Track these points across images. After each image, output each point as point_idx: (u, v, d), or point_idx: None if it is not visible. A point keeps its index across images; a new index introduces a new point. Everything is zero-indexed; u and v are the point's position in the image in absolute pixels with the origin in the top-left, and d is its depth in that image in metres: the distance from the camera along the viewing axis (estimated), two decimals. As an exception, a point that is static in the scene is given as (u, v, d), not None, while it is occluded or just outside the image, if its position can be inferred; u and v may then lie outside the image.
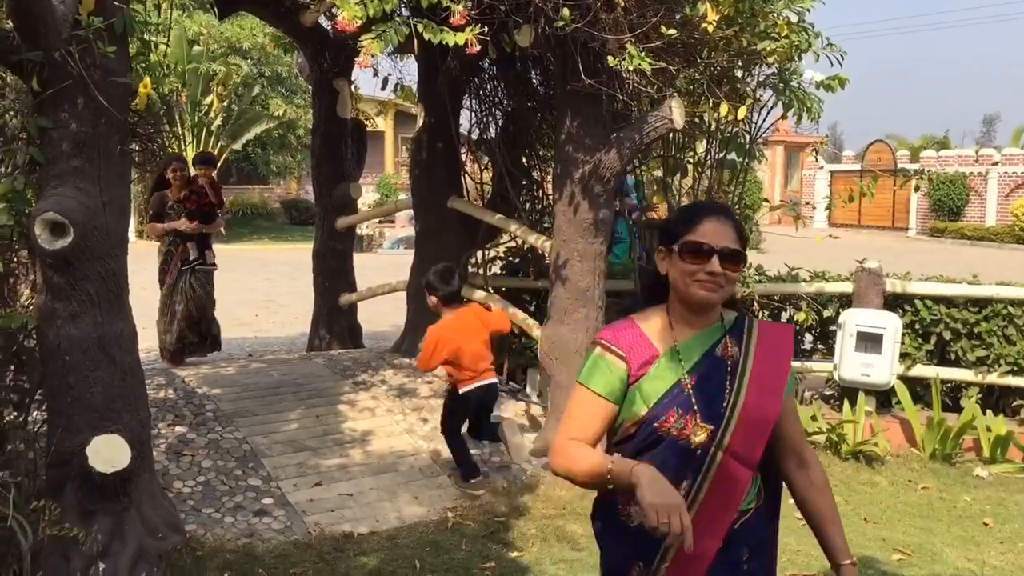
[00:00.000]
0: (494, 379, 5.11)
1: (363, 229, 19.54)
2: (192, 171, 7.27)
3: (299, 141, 24.94)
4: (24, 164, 3.92)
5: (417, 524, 4.65)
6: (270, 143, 24.33)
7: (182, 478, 4.77)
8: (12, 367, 4.55)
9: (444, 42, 4.15)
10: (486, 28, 4.20)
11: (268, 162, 25.63)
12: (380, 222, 21.17)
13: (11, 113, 4.24)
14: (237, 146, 23.43)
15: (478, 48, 4.15)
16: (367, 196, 20.38)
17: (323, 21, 7.28)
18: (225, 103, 19.95)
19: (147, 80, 3.84)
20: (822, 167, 34.12)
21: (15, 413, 4.46)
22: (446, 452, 5.38)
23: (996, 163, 27.09)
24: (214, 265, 7.24)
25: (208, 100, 19.83)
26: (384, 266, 13.33)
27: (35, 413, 4.53)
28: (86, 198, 3.87)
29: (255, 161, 25.51)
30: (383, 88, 6.74)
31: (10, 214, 3.88)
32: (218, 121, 21.11)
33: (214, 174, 7.48)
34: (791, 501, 5.12)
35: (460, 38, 4.14)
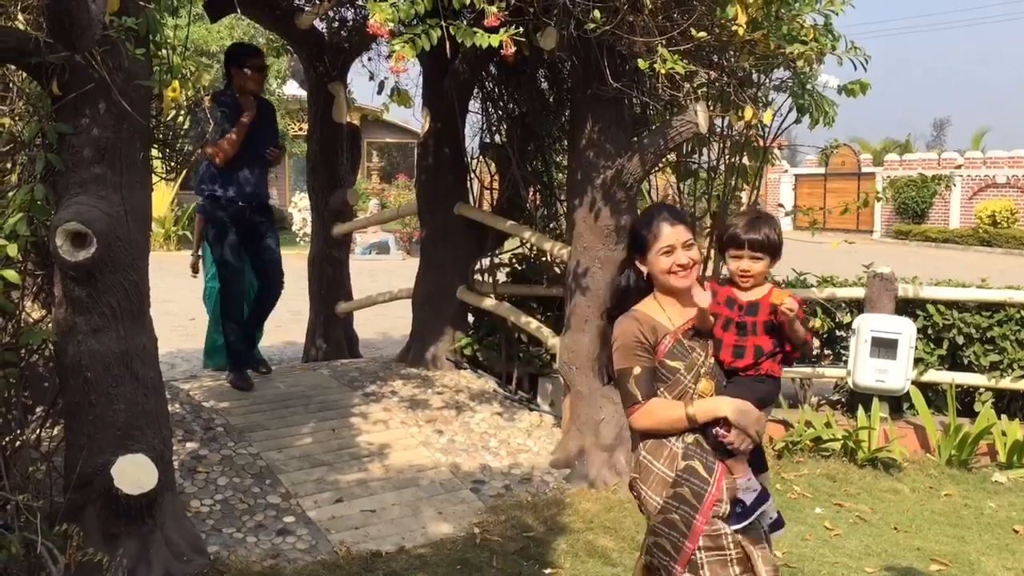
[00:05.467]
0: None
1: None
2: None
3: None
4: (42, 172, 3.73)
5: (444, 541, 4.51)
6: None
7: (199, 496, 4.59)
8: (13, 382, 4.36)
9: (478, 45, 4.02)
10: (520, 29, 4.08)
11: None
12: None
13: (16, 117, 4.05)
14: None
15: (513, 50, 4.03)
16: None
17: (319, 24, 7.12)
18: (204, 103, 19.51)
19: (176, 84, 3.67)
20: (787, 171, 34.46)
21: (18, 431, 4.27)
22: (465, 465, 5.26)
23: (959, 166, 27.53)
24: None
25: (181, 98, 19.39)
26: (359, 272, 13.14)
27: (41, 431, 4.35)
28: (109, 207, 3.70)
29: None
30: (379, 92, 6.59)
31: (28, 225, 3.69)
32: (186, 125, 20.68)
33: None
34: (817, 510, 5.07)
35: (495, 40, 4.01)
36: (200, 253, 7.21)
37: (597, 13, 4.37)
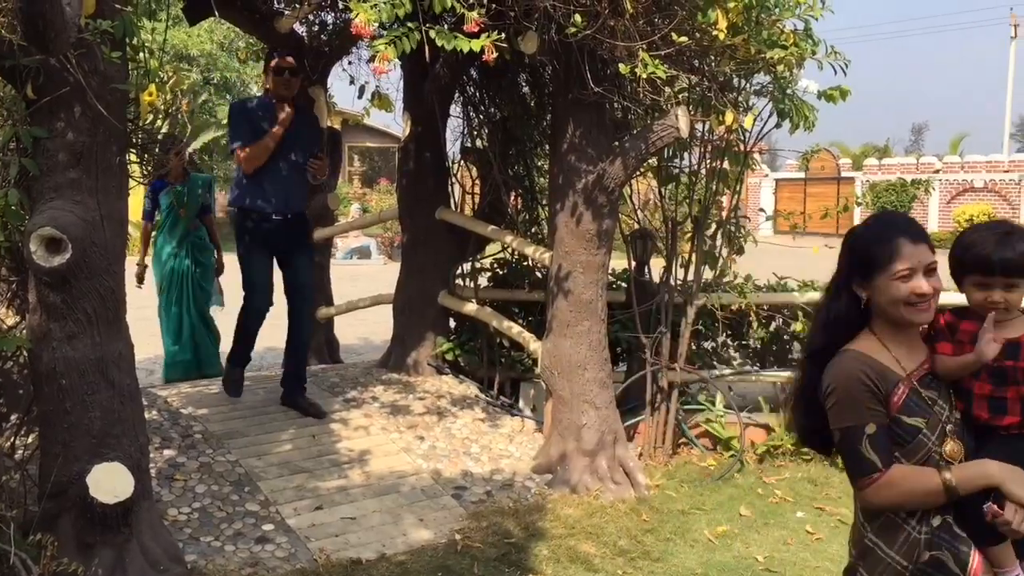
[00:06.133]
0: None
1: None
2: None
3: (244, 148, 24.46)
4: (16, 176, 3.67)
5: (425, 548, 4.48)
6: (218, 150, 23.86)
7: (176, 505, 4.53)
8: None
9: (459, 49, 4.01)
10: (502, 35, 4.06)
11: (213, 170, 25.14)
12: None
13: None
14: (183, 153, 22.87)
15: (495, 55, 4.02)
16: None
17: (299, 28, 7.07)
18: (180, 107, 19.49)
19: (152, 88, 3.63)
20: (767, 175, 34.62)
21: (-3, 440, 4.22)
22: (447, 471, 5.23)
23: (938, 171, 27.75)
24: None
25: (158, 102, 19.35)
26: (340, 277, 13.07)
27: (15, 439, 4.30)
28: (84, 212, 3.65)
29: (202, 169, 24.99)
30: (359, 96, 6.56)
31: (2, 230, 3.64)
32: (165, 128, 20.59)
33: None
34: (799, 514, 5.07)
35: (475, 45, 4.00)
36: (147, 263, 7.14)
37: (578, 17, 4.37)
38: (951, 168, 28.14)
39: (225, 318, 7.29)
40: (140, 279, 7.14)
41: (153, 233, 7.18)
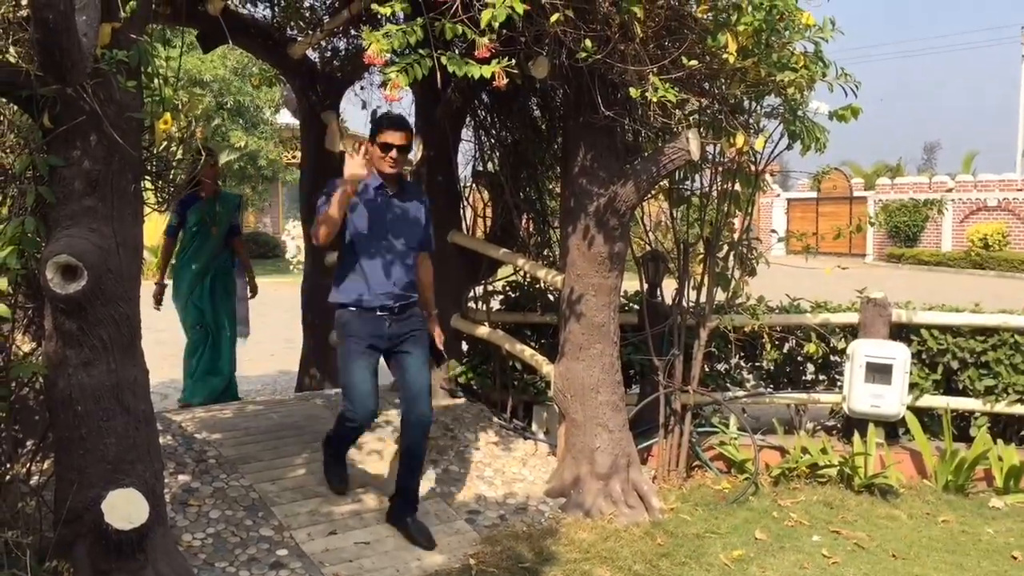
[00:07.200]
0: None
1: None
2: None
3: (258, 172, 24.64)
4: (32, 204, 3.71)
5: (439, 572, 4.46)
6: (231, 175, 24.03)
7: (191, 530, 4.54)
8: (3, 416, 4.33)
9: (470, 75, 4.04)
10: (513, 60, 4.09)
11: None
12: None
13: (7, 150, 4.04)
14: (197, 179, 23.07)
15: (506, 81, 4.04)
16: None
17: (311, 54, 7.15)
18: (194, 132, 19.67)
19: (167, 116, 3.67)
20: (778, 195, 34.63)
21: (8, 465, 4.24)
22: (460, 495, 5.22)
23: (950, 189, 27.70)
24: None
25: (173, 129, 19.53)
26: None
27: (31, 465, 4.31)
28: (100, 239, 3.68)
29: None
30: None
31: (18, 258, 3.67)
32: (179, 154, 20.74)
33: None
34: (815, 538, 5.03)
35: (486, 71, 4.03)
36: (166, 282, 7.09)
37: (588, 42, 4.40)
38: (964, 187, 28.10)
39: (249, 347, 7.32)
40: (158, 300, 6.99)
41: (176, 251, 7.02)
